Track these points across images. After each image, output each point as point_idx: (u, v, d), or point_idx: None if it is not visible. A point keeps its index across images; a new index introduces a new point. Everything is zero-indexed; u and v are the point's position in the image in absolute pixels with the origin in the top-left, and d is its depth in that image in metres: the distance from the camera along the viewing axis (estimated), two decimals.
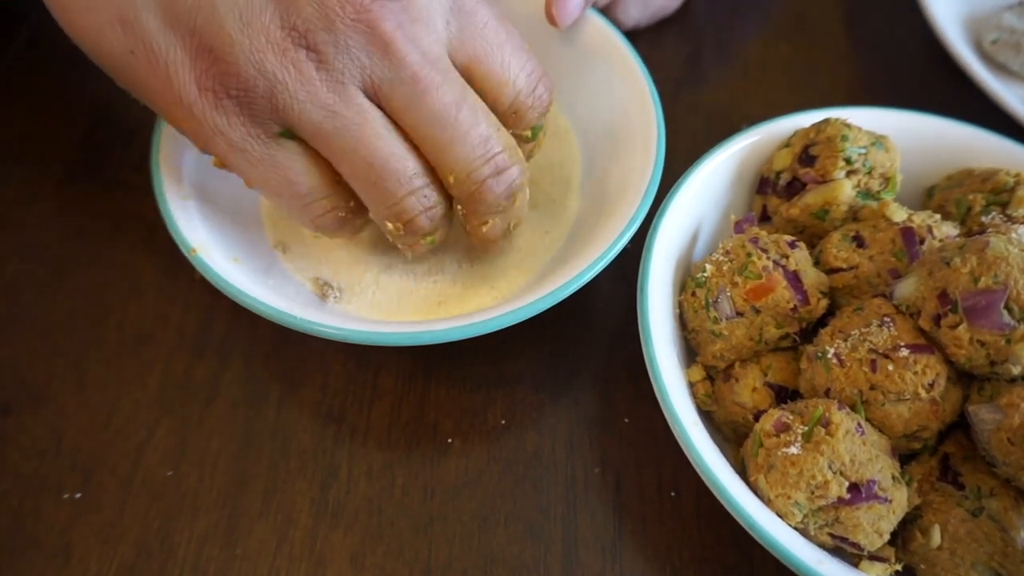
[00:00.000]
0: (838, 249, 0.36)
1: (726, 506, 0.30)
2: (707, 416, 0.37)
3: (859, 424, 0.31)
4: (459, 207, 0.35)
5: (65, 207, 0.45)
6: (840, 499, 0.30)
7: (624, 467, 0.38)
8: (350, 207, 0.34)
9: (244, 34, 0.29)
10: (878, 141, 0.38)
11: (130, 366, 0.40)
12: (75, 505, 0.36)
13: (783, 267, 0.34)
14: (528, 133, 0.36)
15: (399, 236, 0.35)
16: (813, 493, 0.30)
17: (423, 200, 0.33)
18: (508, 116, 0.34)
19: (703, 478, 0.31)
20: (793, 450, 0.30)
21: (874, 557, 0.31)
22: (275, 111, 0.30)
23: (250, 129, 0.31)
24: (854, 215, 0.38)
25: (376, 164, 0.31)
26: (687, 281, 0.37)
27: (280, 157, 0.32)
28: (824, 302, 0.35)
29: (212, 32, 0.29)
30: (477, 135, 0.32)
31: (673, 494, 0.37)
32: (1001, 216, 0.36)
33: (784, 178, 0.39)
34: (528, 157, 0.37)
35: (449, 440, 0.38)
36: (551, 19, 0.43)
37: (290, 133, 0.31)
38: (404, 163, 0.32)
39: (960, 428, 0.33)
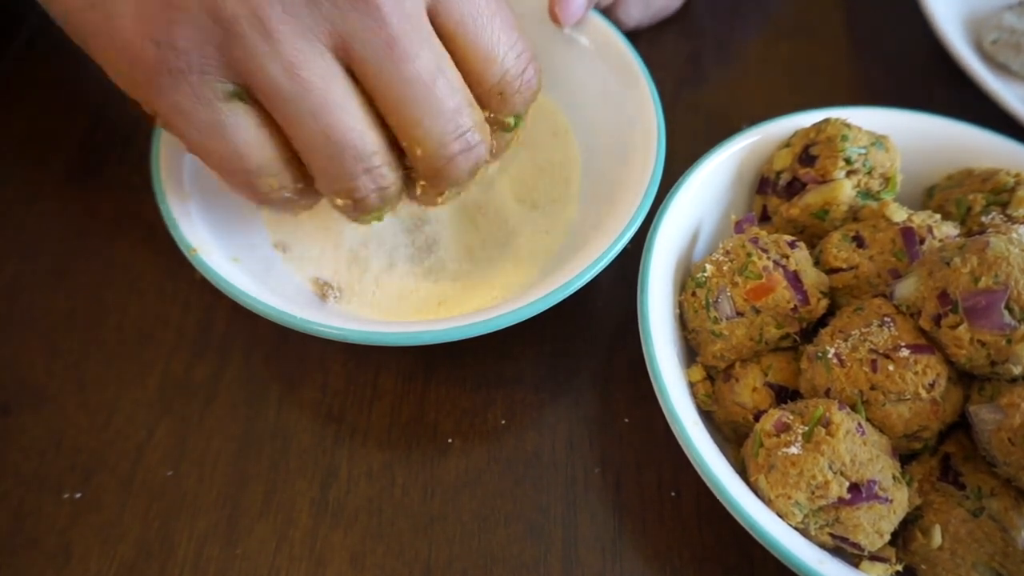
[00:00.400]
0: (838, 249, 0.36)
1: (726, 506, 0.30)
2: (707, 416, 0.37)
3: (859, 424, 0.31)
4: (421, 181, 0.33)
5: (65, 207, 0.45)
6: (841, 499, 0.30)
7: (624, 467, 0.38)
8: (298, 188, 0.32)
9: None
10: (878, 141, 0.38)
11: (130, 366, 0.40)
12: (75, 505, 0.36)
13: (783, 267, 0.34)
14: (510, 120, 0.34)
15: (346, 211, 0.33)
16: (814, 493, 0.30)
17: (378, 180, 0.31)
18: (492, 97, 0.32)
19: (703, 478, 0.31)
20: (793, 450, 0.30)
21: (875, 557, 0.31)
22: (230, 66, 0.27)
23: (198, 89, 0.28)
24: (854, 215, 0.38)
25: (334, 137, 0.29)
26: (687, 281, 0.37)
27: (229, 124, 0.29)
28: (824, 302, 0.35)
29: None
30: (451, 109, 0.30)
31: (673, 494, 0.37)
32: (1001, 216, 0.36)
33: (784, 178, 0.39)
34: (506, 147, 0.36)
35: (449, 440, 0.38)
36: (555, 19, 0.43)
37: (243, 95, 0.29)
38: (364, 139, 0.29)
39: (961, 428, 0.33)
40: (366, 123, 0.30)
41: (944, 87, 0.54)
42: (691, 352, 0.38)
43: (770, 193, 0.40)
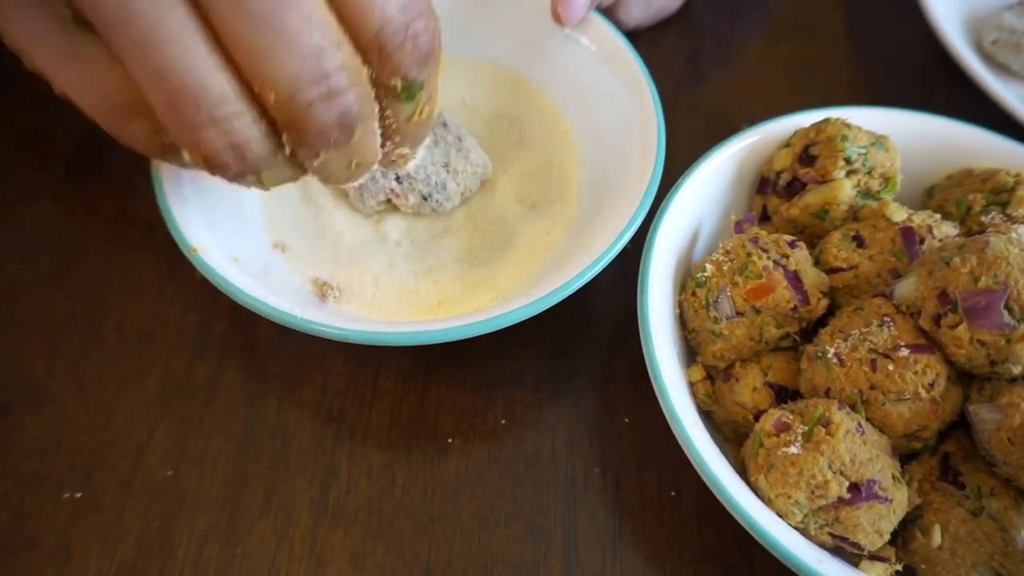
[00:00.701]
0: (838, 249, 0.36)
1: (726, 506, 0.30)
2: (707, 416, 0.37)
3: (859, 424, 0.31)
4: (284, 135, 0.28)
5: (65, 207, 0.45)
6: (840, 499, 0.30)
7: (624, 467, 0.38)
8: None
9: None
10: (878, 141, 0.38)
11: (130, 366, 0.40)
12: (75, 505, 0.36)
13: (783, 267, 0.34)
14: (396, 84, 0.28)
15: (202, 168, 0.28)
16: (813, 493, 0.30)
17: (230, 133, 0.26)
18: (371, 51, 0.27)
19: (703, 478, 0.31)
20: (793, 450, 0.30)
21: (874, 557, 0.31)
22: None
23: (39, 9, 0.25)
24: (854, 215, 0.38)
25: (169, 77, 0.24)
26: (687, 281, 0.37)
27: (79, 50, 0.25)
28: (824, 302, 0.35)
29: None
30: (308, 44, 0.25)
31: (673, 494, 0.37)
32: (1001, 216, 0.36)
33: (784, 178, 0.39)
34: (410, 125, 0.30)
35: (449, 440, 0.38)
36: (557, 18, 0.43)
37: (83, 21, 0.25)
38: (207, 82, 0.25)
39: (960, 428, 0.33)
40: (211, 62, 0.25)
41: (944, 87, 0.54)
42: (691, 352, 0.38)
43: (770, 193, 0.40)
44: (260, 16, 0.24)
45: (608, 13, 0.49)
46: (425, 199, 0.40)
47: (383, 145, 0.31)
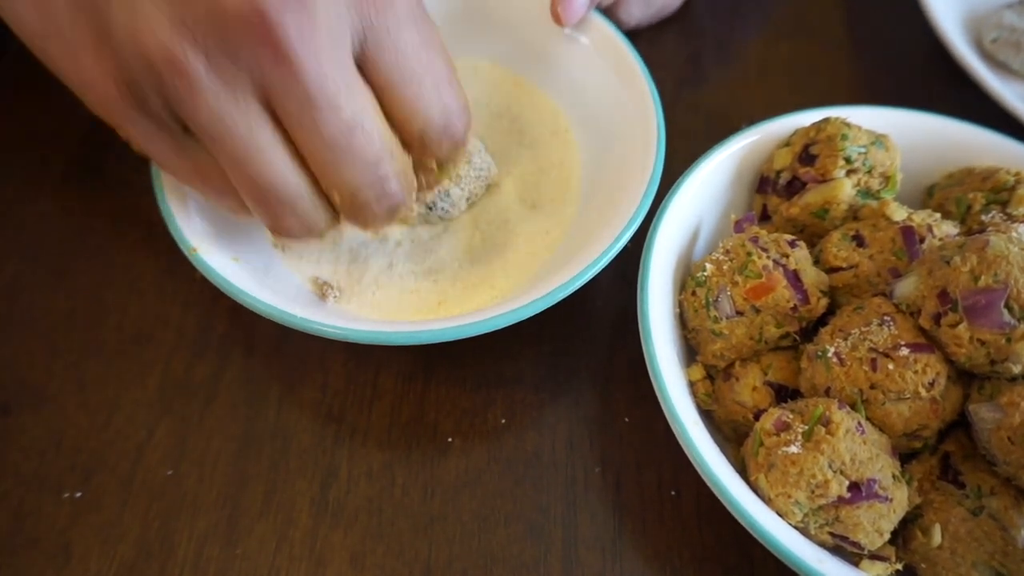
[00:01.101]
0: (838, 248, 0.36)
1: (726, 505, 0.30)
2: (707, 415, 0.37)
3: (859, 423, 0.31)
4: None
5: (65, 206, 0.45)
6: (840, 498, 0.30)
7: (624, 467, 0.38)
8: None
9: (130, 20, 0.27)
10: (878, 140, 0.38)
11: (130, 366, 0.40)
12: (75, 505, 0.36)
13: (783, 266, 0.34)
14: (433, 165, 0.35)
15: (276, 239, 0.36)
16: (813, 492, 0.30)
17: (303, 219, 0.32)
18: (414, 143, 0.33)
19: (703, 477, 0.31)
20: (793, 449, 0.30)
21: (874, 556, 0.31)
22: (167, 107, 0.28)
23: (155, 124, 0.29)
24: (854, 214, 0.38)
25: (260, 183, 0.30)
26: (687, 280, 0.37)
27: (185, 149, 0.31)
28: (824, 301, 0.35)
29: (104, 15, 0.27)
30: (368, 160, 0.31)
31: (673, 493, 0.37)
32: (1001, 215, 0.36)
33: (784, 177, 0.39)
34: (434, 184, 0.36)
35: (449, 440, 0.38)
36: (556, 18, 0.43)
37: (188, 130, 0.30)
38: (289, 185, 0.31)
39: (960, 427, 0.33)
40: (291, 169, 0.30)
41: (944, 86, 0.54)
42: (691, 351, 0.38)
43: (770, 192, 0.40)
44: (331, 140, 0.29)
45: (608, 13, 0.49)
46: (430, 208, 0.40)
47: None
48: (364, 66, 0.30)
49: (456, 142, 0.34)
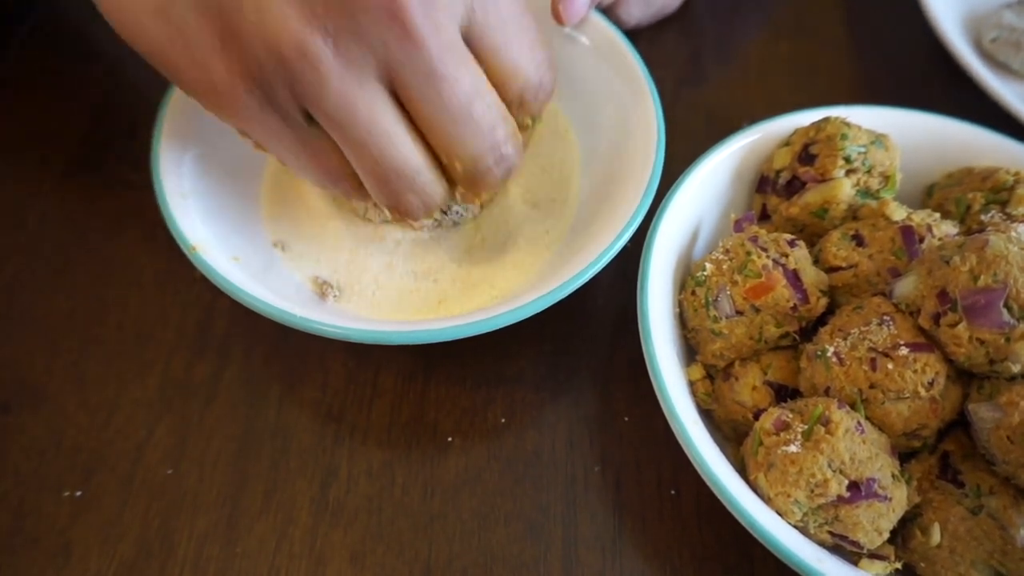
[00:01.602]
0: (838, 248, 0.36)
1: (726, 505, 0.30)
2: (707, 415, 0.37)
3: (859, 422, 0.31)
4: (460, 188, 0.36)
5: (65, 205, 0.45)
6: (840, 497, 0.30)
7: (624, 466, 0.38)
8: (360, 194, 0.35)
9: (260, 18, 0.28)
10: (878, 140, 0.38)
11: (130, 365, 0.40)
12: (75, 504, 0.36)
13: (783, 266, 0.34)
14: (528, 121, 0.36)
15: (394, 219, 0.37)
16: (813, 491, 0.30)
17: (422, 195, 0.34)
18: (513, 103, 0.34)
19: (703, 477, 0.31)
20: (793, 448, 0.30)
21: (874, 555, 0.31)
22: (295, 98, 0.30)
23: (279, 118, 0.31)
24: (853, 214, 0.38)
25: (383, 162, 0.32)
26: (687, 280, 0.37)
27: (307, 140, 0.32)
28: (824, 301, 0.35)
29: (233, 16, 0.28)
30: (487, 128, 0.32)
31: (673, 493, 0.37)
32: (1001, 215, 0.36)
33: (784, 177, 0.39)
34: (525, 144, 0.37)
35: (449, 439, 0.38)
36: (557, 18, 0.43)
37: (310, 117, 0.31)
38: (410, 161, 0.32)
39: (960, 426, 0.33)
40: (411, 147, 0.32)
41: (944, 86, 0.54)
42: (691, 351, 0.38)
43: (770, 192, 0.40)
44: (455, 111, 0.31)
45: (608, 12, 0.49)
46: (444, 213, 0.40)
47: None
48: (470, 34, 0.31)
49: (549, 93, 0.36)
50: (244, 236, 0.39)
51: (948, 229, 0.35)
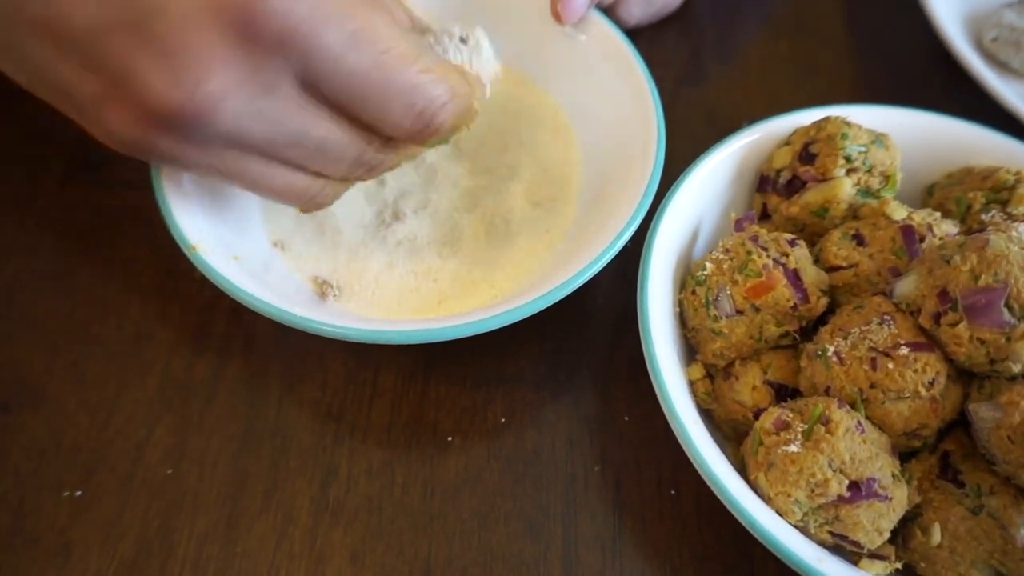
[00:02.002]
0: (838, 247, 0.36)
1: (726, 504, 0.30)
2: (707, 414, 0.37)
3: (859, 422, 0.31)
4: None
5: (65, 205, 0.45)
6: (840, 497, 0.30)
7: (624, 465, 0.38)
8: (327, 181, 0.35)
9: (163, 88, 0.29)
10: (878, 139, 0.38)
11: (130, 365, 0.40)
12: (75, 503, 0.36)
13: (783, 265, 0.34)
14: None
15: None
16: (813, 491, 0.30)
17: (367, 167, 0.34)
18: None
19: (703, 476, 0.31)
20: (793, 448, 0.30)
21: (874, 555, 0.31)
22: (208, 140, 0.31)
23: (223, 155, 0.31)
24: (854, 213, 0.38)
25: (328, 155, 0.32)
26: (687, 279, 0.37)
27: (267, 169, 0.32)
28: (824, 300, 0.35)
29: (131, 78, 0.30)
30: (414, 99, 0.31)
31: (673, 492, 0.37)
32: (1001, 214, 0.36)
33: (784, 176, 0.39)
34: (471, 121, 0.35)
35: (449, 438, 0.38)
36: (557, 17, 0.43)
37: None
38: (350, 147, 0.32)
39: (960, 426, 0.33)
40: (350, 136, 0.32)
41: (944, 85, 0.54)
42: (691, 350, 0.38)
43: (770, 191, 0.40)
44: (380, 95, 0.30)
45: (608, 11, 0.49)
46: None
47: None
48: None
49: (453, 120, 0.33)
50: (244, 236, 0.39)
51: (949, 228, 0.35)
